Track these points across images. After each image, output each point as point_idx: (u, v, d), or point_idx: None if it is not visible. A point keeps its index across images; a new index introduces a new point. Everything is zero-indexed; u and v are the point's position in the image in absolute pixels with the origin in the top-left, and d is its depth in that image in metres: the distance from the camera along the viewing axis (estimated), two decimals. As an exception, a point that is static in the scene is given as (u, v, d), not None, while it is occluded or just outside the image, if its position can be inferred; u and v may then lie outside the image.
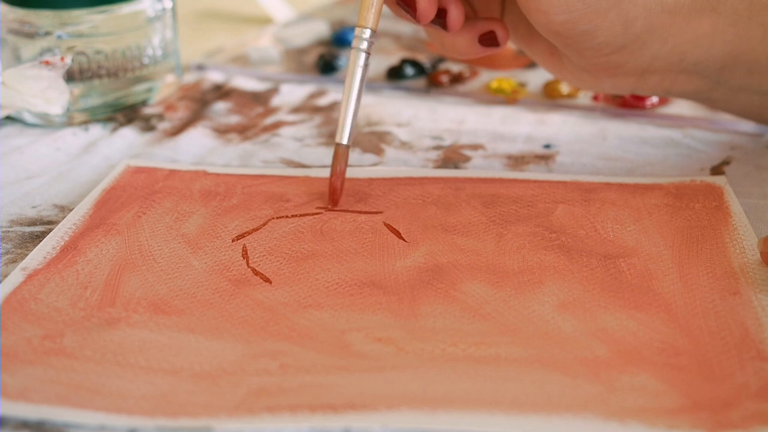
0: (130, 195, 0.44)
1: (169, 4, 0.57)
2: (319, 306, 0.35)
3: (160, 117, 0.56)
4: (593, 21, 0.41)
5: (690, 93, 0.47)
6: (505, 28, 0.45)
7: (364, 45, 0.43)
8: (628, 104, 0.55)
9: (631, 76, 0.45)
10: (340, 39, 0.69)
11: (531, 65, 0.63)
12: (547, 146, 0.51)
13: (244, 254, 0.39)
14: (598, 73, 0.45)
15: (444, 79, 0.60)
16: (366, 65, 0.43)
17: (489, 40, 0.45)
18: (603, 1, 0.41)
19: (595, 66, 0.44)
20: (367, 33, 0.43)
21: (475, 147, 0.51)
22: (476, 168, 0.49)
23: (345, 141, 0.43)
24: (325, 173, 0.47)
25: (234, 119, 0.56)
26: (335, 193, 0.43)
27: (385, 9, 0.44)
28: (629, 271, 0.37)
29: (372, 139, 0.53)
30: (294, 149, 0.51)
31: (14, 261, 0.40)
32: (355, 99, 0.43)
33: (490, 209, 0.43)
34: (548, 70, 0.49)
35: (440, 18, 0.43)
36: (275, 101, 0.59)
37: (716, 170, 0.48)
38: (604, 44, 0.42)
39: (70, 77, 0.53)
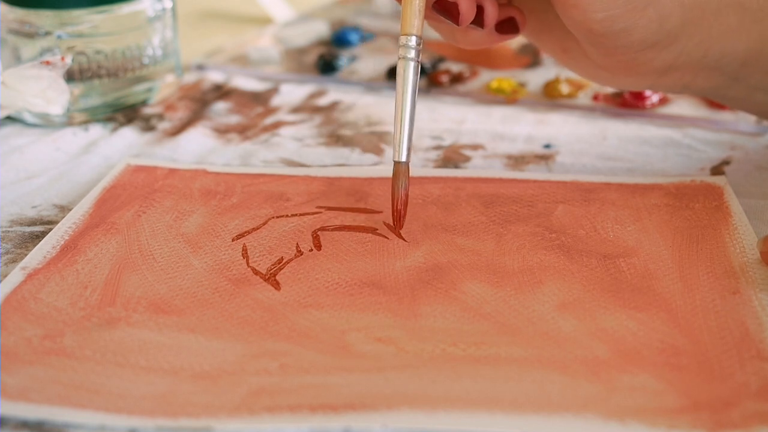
0: (130, 194, 0.44)
1: (169, 4, 0.57)
2: (319, 306, 0.35)
3: (160, 117, 0.56)
4: (632, 18, 0.40)
5: (707, 90, 0.46)
6: (522, 14, 0.43)
7: (412, 54, 0.39)
8: (628, 104, 0.55)
9: (653, 74, 0.44)
10: (340, 39, 0.69)
11: (531, 65, 0.63)
12: (547, 146, 0.51)
13: (244, 253, 0.39)
14: (618, 71, 0.44)
15: (444, 79, 0.60)
16: (417, 75, 0.40)
17: (508, 27, 0.43)
18: None
19: (620, 64, 0.43)
20: (413, 40, 0.39)
21: (475, 147, 0.51)
22: (476, 168, 0.49)
23: (404, 158, 0.40)
24: (325, 172, 0.47)
25: (234, 119, 0.56)
26: (401, 218, 0.40)
27: (384, 8, 0.43)
28: (629, 271, 0.37)
29: (372, 139, 0.53)
30: (294, 149, 0.51)
31: (14, 261, 0.40)
32: (410, 112, 0.39)
33: (490, 209, 0.43)
34: (560, 64, 0.48)
35: (477, 16, 0.41)
36: (275, 101, 0.59)
37: (716, 170, 0.48)
38: (638, 42, 0.41)
39: (70, 77, 0.53)
